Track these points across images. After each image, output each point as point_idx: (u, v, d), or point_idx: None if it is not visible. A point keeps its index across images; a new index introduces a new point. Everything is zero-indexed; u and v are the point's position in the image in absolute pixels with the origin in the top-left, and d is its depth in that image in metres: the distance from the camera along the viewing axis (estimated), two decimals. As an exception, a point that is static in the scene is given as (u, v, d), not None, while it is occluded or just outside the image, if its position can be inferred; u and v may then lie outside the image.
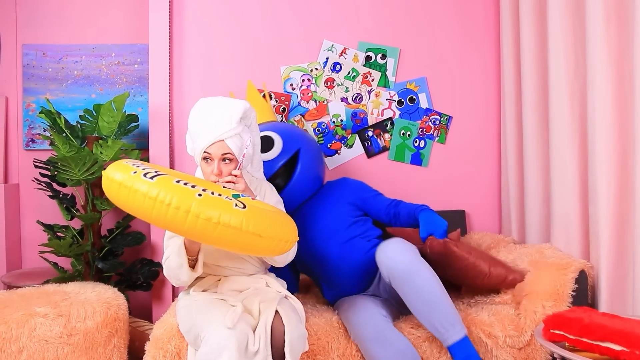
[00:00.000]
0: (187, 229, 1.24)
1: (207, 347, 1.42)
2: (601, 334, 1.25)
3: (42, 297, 1.88)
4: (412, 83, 2.65)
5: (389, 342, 1.63)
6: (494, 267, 1.86)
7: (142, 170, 1.29)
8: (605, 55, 1.77)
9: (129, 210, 1.30)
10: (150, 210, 1.23)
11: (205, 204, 1.23)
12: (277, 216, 1.39)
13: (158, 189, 1.23)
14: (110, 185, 1.31)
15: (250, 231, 1.26)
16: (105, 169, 1.37)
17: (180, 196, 1.23)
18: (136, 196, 1.24)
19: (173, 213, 1.22)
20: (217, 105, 1.66)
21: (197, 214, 1.22)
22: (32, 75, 2.67)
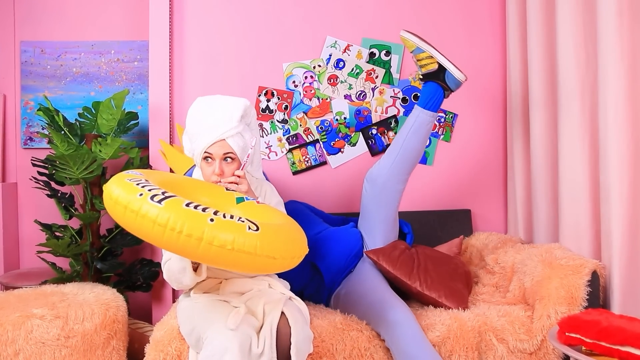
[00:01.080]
0: (200, 255, 1.19)
1: (210, 349, 1.38)
2: (620, 338, 1.20)
3: (40, 298, 1.83)
4: (417, 80, 2.60)
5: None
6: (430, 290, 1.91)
7: (149, 192, 1.22)
8: (618, 50, 1.72)
9: (136, 234, 1.24)
10: (160, 237, 1.18)
11: (218, 229, 1.18)
12: (289, 232, 1.35)
13: (168, 214, 1.17)
14: (114, 207, 1.25)
15: (265, 254, 1.22)
16: (105, 185, 1.30)
17: (191, 223, 1.17)
18: (144, 222, 1.19)
19: (185, 241, 1.17)
20: (217, 103, 1.62)
21: (210, 241, 1.17)
22: (30, 72, 2.63)
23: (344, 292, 1.93)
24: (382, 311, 1.72)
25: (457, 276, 2.00)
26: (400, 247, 2.02)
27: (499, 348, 1.72)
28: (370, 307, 1.77)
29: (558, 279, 1.74)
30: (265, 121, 2.56)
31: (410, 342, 1.63)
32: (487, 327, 1.73)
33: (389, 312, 1.71)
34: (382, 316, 1.71)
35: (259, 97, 2.55)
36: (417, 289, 1.90)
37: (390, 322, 1.68)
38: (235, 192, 1.53)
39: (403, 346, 1.63)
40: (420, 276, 1.92)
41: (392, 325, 1.67)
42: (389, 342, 1.67)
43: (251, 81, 2.55)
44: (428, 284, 1.90)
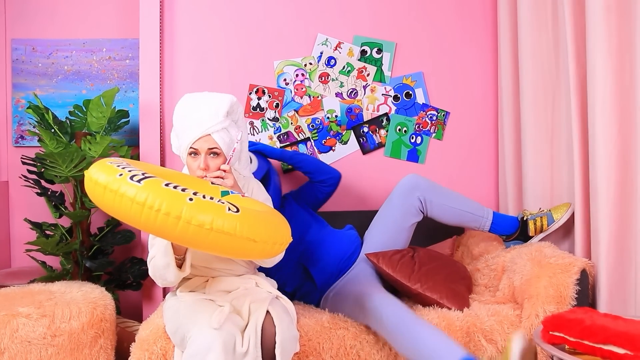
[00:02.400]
0: (178, 235, 1.17)
1: (193, 348, 1.37)
2: (603, 336, 1.19)
3: (26, 297, 1.82)
4: (409, 78, 2.59)
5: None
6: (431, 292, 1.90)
7: (128, 173, 1.21)
8: (606, 47, 1.71)
9: (114, 215, 1.23)
10: (139, 216, 1.16)
11: (197, 209, 1.16)
12: (271, 217, 1.34)
13: (146, 193, 1.16)
14: (94, 188, 1.24)
15: (245, 236, 1.20)
16: (86, 170, 1.29)
17: (170, 201, 1.16)
18: (122, 201, 1.17)
19: (163, 219, 1.15)
20: (203, 99, 1.62)
21: (189, 220, 1.15)
22: (21, 70, 2.62)
23: (332, 294, 1.93)
24: (363, 302, 1.72)
25: (457, 278, 1.99)
26: (402, 251, 2.02)
27: (488, 349, 1.71)
28: (354, 303, 1.76)
29: (547, 277, 1.73)
30: (256, 119, 2.55)
31: (392, 319, 1.63)
32: (476, 328, 1.72)
33: (367, 300, 1.71)
34: (364, 306, 1.71)
35: (249, 95, 2.54)
36: (418, 291, 1.89)
37: (370, 308, 1.68)
38: (221, 187, 1.53)
39: (387, 325, 1.63)
40: (420, 278, 1.91)
41: (373, 311, 1.67)
42: (377, 330, 1.68)
43: (242, 79, 2.54)
44: (429, 286, 1.90)
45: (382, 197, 2.58)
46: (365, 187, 2.57)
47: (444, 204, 2.02)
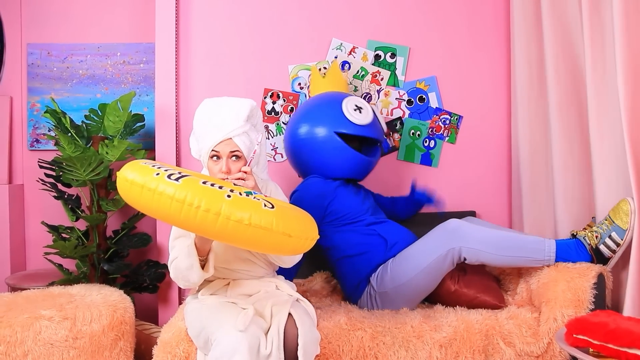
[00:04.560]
0: (217, 231, 1.21)
1: (219, 350, 1.38)
2: (628, 340, 1.20)
3: (47, 300, 1.84)
4: (422, 82, 2.61)
5: None
6: (467, 288, 1.89)
7: (165, 172, 1.25)
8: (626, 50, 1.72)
9: (152, 214, 1.26)
10: (178, 213, 1.20)
11: (236, 205, 1.20)
12: (301, 214, 1.38)
13: (185, 191, 1.19)
14: (130, 188, 1.26)
15: (281, 231, 1.24)
16: (119, 171, 1.32)
17: (209, 198, 1.19)
18: (162, 199, 1.20)
19: (203, 216, 1.18)
20: (224, 104, 1.66)
21: (228, 215, 1.19)
22: (36, 74, 2.64)
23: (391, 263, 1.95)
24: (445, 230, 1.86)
25: (489, 277, 2.00)
26: None
27: (507, 351, 1.72)
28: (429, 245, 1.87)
29: (565, 282, 1.74)
30: (271, 123, 2.56)
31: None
32: (494, 331, 1.73)
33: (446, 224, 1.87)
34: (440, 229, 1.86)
35: (264, 99, 2.56)
36: (455, 288, 1.90)
37: (449, 229, 1.83)
38: (243, 188, 1.55)
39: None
40: (453, 277, 1.92)
41: (453, 231, 1.82)
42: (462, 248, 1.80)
43: (257, 83, 2.56)
44: (465, 282, 1.91)
45: (395, 200, 2.60)
46: (378, 190, 2.58)
47: (493, 254, 1.80)
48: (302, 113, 2.19)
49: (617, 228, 1.75)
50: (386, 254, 1.97)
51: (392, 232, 2.02)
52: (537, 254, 1.82)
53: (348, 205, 2.04)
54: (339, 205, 2.04)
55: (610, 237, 1.76)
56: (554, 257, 1.81)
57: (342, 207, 2.04)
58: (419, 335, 1.69)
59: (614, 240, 1.75)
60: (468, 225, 1.85)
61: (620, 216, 1.74)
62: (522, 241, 1.84)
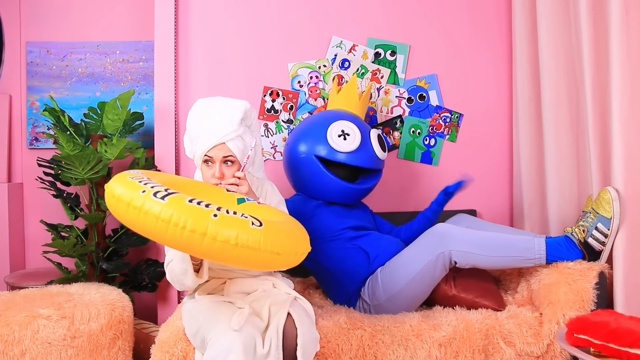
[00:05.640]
0: (203, 251, 1.18)
1: (214, 350, 1.37)
2: (630, 340, 1.19)
3: (46, 299, 1.83)
4: (422, 80, 2.59)
5: None
6: (465, 292, 1.88)
7: (151, 189, 1.22)
8: (624, 49, 1.71)
9: (138, 231, 1.23)
10: (164, 233, 1.17)
11: (222, 225, 1.17)
12: (292, 229, 1.35)
13: (171, 210, 1.16)
14: (116, 205, 1.24)
15: (269, 250, 1.21)
16: (107, 184, 1.30)
17: (195, 218, 1.16)
18: (147, 218, 1.18)
19: (188, 236, 1.16)
20: (217, 106, 1.62)
21: (214, 236, 1.16)
22: (35, 73, 2.63)
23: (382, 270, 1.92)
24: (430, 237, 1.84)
25: (488, 278, 1.98)
26: None
27: (507, 351, 1.71)
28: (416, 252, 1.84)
29: (567, 284, 1.72)
30: (271, 121, 2.55)
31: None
32: (495, 330, 1.72)
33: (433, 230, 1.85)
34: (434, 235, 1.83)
35: (264, 97, 2.55)
36: (453, 293, 1.88)
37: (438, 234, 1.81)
38: (236, 194, 1.53)
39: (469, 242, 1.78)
40: (452, 281, 1.91)
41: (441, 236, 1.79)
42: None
43: (256, 81, 2.55)
44: (462, 287, 1.89)
45: (395, 199, 2.59)
46: (378, 189, 2.57)
47: (483, 255, 1.78)
48: (296, 130, 2.20)
49: (602, 218, 1.75)
50: (369, 267, 1.93)
51: (374, 244, 1.98)
52: (527, 253, 1.79)
53: (325, 225, 2.01)
54: (316, 224, 2.01)
55: (597, 229, 1.75)
56: (545, 256, 1.79)
57: (319, 225, 2.01)
58: (418, 334, 1.68)
59: (601, 232, 1.75)
60: (456, 228, 1.83)
61: (603, 206, 1.74)
62: (512, 241, 1.81)
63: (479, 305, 1.86)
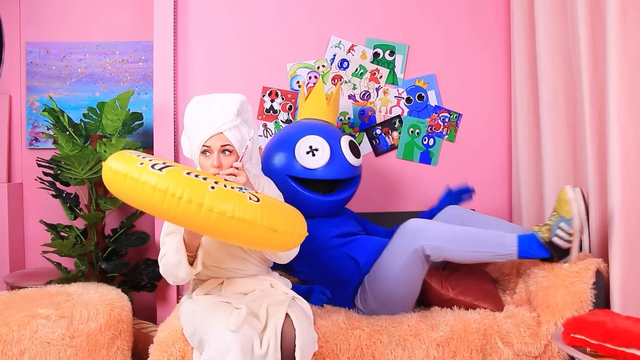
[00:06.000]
0: (199, 223, 1.17)
1: (211, 351, 1.38)
2: (626, 340, 1.19)
3: (45, 298, 1.84)
4: (421, 80, 2.60)
5: None
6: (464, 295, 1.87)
7: (149, 162, 1.22)
8: (622, 49, 1.71)
9: (135, 204, 1.23)
10: (160, 203, 1.17)
11: (219, 197, 1.17)
12: (289, 210, 1.35)
13: (168, 181, 1.16)
14: (113, 177, 1.24)
15: (265, 225, 1.20)
16: (105, 161, 1.29)
17: (192, 189, 1.16)
18: (144, 189, 1.17)
19: (185, 207, 1.15)
20: (213, 99, 1.65)
21: (211, 207, 1.15)
22: (35, 73, 2.64)
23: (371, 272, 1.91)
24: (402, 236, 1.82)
25: (486, 280, 1.98)
26: None
27: (505, 351, 1.71)
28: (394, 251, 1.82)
29: (564, 287, 1.72)
30: (269, 121, 2.56)
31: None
32: (492, 330, 1.72)
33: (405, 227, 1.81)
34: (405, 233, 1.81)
35: (263, 98, 2.55)
36: (450, 296, 1.88)
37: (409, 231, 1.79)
38: (234, 184, 1.54)
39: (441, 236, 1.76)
40: (450, 284, 1.90)
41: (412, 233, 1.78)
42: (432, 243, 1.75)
43: (255, 81, 2.55)
44: (461, 290, 1.88)
45: (393, 199, 2.60)
46: (377, 189, 2.57)
47: (455, 249, 1.77)
48: (266, 147, 2.16)
49: (563, 219, 1.72)
50: (360, 275, 1.93)
51: (362, 250, 1.96)
52: (499, 249, 1.77)
53: (310, 238, 1.94)
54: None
55: (560, 229, 1.73)
56: (517, 252, 1.77)
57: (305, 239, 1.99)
58: (415, 334, 1.69)
59: (564, 231, 1.72)
60: (429, 222, 1.82)
61: (562, 206, 1.73)
62: (484, 236, 1.79)
63: (478, 308, 1.86)
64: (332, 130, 2.13)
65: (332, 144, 2.05)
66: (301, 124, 2.16)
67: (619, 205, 1.73)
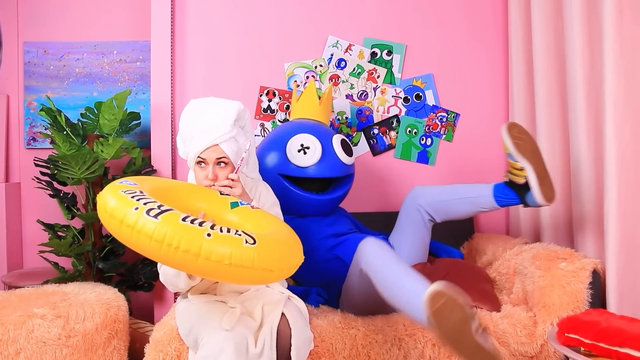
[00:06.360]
0: (197, 270, 1.19)
1: (206, 350, 1.38)
2: (620, 339, 1.19)
3: (41, 298, 1.83)
4: (419, 80, 2.59)
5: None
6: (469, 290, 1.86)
7: (144, 206, 1.21)
8: (617, 48, 1.71)
9: (132, 248, 1.23)
10: (157, 252, 1.18)
11: (215, 244, 1.18)
12: (285, 242, 1.35)
13: (164, 230, 1.16)
14: (109, 220, 1.24)
15: (262, 267, 1.22)
16: (99, 196, 1.28)
17: (188, 238, 1.17)
18: (140, 237, 1.18)
19: (182, 256, 1.16)
20: (210, 107, 1.60)
21: (208, 256, 1.16)
22: (33, 73, 2.64)
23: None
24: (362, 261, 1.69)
25: (482, 279, 1.99)
26: (419, 264, 2.03)
27: (501, 351, 1.71)
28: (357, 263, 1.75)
29: (560, 286, 1.72)
30: (267, 121, 2.56)
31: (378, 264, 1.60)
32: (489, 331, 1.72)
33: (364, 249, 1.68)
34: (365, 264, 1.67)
35: (260, 97, 2.55)
36: None
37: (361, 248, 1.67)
38: (230, 197, 1.53)
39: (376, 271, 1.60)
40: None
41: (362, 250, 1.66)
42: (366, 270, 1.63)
43: (252, 81, 2.55)
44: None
45: (391, 199, 2.60)
46: (374, 189, 2.57)
47: (448, 200, 1.98)
48: (260, 146, 2.17)
49: (509, 155, 1.87)
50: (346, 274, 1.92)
51: (352, 251, 1.95)
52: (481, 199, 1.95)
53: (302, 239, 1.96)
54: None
55: (511, 166, 1.87)
56: (492, 193, 1.93)
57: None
58: (411, 333, 1.69)
59: (513, 167, 1.86)
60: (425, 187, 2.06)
61: (505, 143, 1.87)
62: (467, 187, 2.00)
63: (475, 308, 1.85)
64: (324, 129, 2.13)
65: (324, 143, 2.06)
66: (293, 123, 2.16)
67: (615, 205, 1.73)
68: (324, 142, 2.05)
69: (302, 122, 2.16)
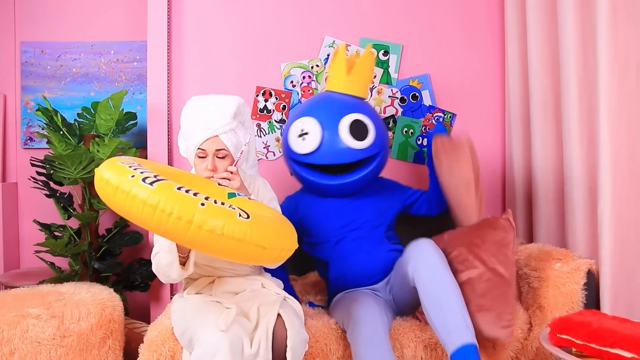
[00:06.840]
0: (188, 239, 1.19)
1: (200, 350, 1.38)
2: (610, 340, 1.19)
3: (36, 298, 1.84)
4: (415, 80, 2.59)
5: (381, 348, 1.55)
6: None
7: (140, 174, 1.22)
8: (612, 49, 1.71)
9: (125, 216, 1.24)
10: (150, 218, 1.18)
11: (209, 214, 1.18)
12: (279, 224, 1.35)
13: (158, 196, 1.17)
14: (105, 188, 1.24)
15: (254, 242, 1.22)
16: (97, 168, 1.30)
17: (182, 205, 1.17)
18: (134, 203, 1.18)
19: (174, 223, 1.16)
20: (210, 101, 1.64)
21: (200, 224, 1.17)
22: (30, 72, 2.64)
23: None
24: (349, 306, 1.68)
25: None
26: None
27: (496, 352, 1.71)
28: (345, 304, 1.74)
29: (555, 287, 1.73)
30: (263, 121, 2.56)
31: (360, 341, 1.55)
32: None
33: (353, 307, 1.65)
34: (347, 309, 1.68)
35: (256, 97, 2.56)
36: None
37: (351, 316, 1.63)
38: (228, 188, 1.54)
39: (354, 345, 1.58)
40: None
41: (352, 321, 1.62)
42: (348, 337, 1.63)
43: (249, 81, 2.55)
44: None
45: (388, 198, 2.59)
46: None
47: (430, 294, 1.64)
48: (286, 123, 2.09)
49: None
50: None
51: (352, 251, 1.92)
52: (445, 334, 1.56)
53: (314, 226, 1.95)
54: (307, 223, 1.97)
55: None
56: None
57: (310, 227, 1.97)
58: (404, 334, 1.69)
59: None
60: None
61: None
62: (449, 315, 1.57)
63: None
64: (335, 110, 1.92)
65: (327, 126, 1.89)
66: (308, 101, 2.04)
67: (610, 205, 1.73)
68: (327, 126, 1.89)
69: (320, 98, 2.01)
